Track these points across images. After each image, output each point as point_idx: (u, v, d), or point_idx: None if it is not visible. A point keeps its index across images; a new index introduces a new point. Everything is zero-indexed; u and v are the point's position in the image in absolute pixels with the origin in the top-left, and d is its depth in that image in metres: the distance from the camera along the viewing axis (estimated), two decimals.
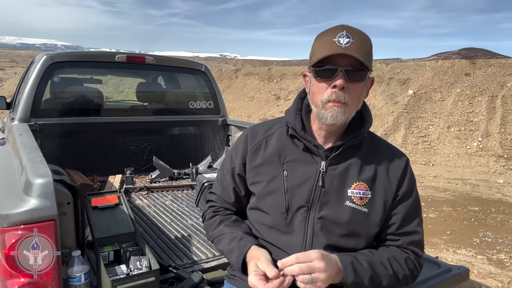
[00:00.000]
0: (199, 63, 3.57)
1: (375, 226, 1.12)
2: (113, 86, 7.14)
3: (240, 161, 1.24)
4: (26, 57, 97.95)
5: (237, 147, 1.28)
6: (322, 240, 1.10)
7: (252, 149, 1.22)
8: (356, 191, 1.11)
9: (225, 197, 1.28)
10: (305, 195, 1.12)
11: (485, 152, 8.52)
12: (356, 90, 1.08)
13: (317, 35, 1.12)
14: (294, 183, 1.14)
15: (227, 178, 1.27)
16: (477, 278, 3.34)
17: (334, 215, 1.10)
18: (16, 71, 52.64)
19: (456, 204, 5.49)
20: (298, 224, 1.12)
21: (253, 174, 1.20)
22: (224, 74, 20.24)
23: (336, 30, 1.06)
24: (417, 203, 1.17)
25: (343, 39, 1.03)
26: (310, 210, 1.12)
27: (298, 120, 1.18)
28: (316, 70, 1.08)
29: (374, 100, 12.13)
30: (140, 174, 3.28)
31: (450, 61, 12.65)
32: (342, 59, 1.03)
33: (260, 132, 1.25)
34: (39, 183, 1.21)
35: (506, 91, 10.34)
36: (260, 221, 1.20)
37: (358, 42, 1.04)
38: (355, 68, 1.05)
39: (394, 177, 1.14)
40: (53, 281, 1.21)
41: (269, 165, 1.18)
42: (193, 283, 1.55)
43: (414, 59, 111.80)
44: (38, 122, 2.71)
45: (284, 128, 1.23)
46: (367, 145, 1.18)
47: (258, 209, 1.20)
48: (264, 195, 1.17)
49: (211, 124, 3.54)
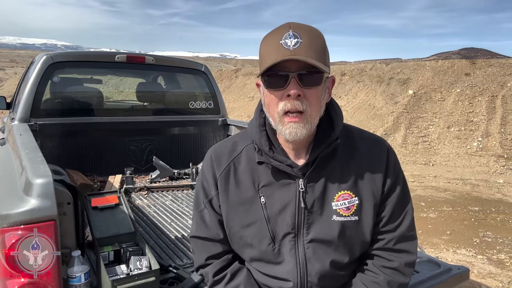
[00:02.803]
0: (199, 63, 3.57)
1: (368, 231, 1.07)
2: (113, 86, 7.14)
3: (215, 191, 1.12)
4: (26, 57, 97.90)
5: (205, 176, 1.14)
6: (316, 266, 1.05)
7: (221, 175, 1.10)
8: (340, 202, 1.04)
9: (214, 237, 1.14)
10: (288, 220, 1.04)
11: (485, 152, 8.52)
12: (314, 95, 0.97)
13: (263, 36, 1.01)
14: (274, 210, 1.05)
15: (207, 214, 1.14)
16: (477, 278, 3.34)
17: (323, 234, 1.04)
18: (16, 71, 52.64)
19: (456, 204, 5.49)
20: (288, 253, 1.05)
21: (227, 206, 1.09)
22: (224, 74, 20.24)
23: (281, 31, 0.95)
24: (404, 192, 1.11)
25: (290, 40, 0.92)
26: (298, 236, 1.04)
27: (264, 138, 1.06)
28: (266, 80, 0.97)
29: (374, 100, 12.13)
30: (140, 174, 3.28)
31: (450, 61, 12.65)
32: (293, 63, 0.93)
33: (225, 155, 1.13)
34: (39, 183, 1.21)
35: (506, 91, 10.33)
36: (247, 255, 1.12)
37: (307, 42, 0.93)
38: (309, 71, 0.94)
39: (378, 174, 1.07)
40: (53, 281, 1.21)
41: (243, 193, 1.08)
42: (193, 283, 1.55)
43: (414, 59, 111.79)
44: (38, 122, 2.71)
45: (250, 147, 1.11)
46: (342, 149, 1.08)
47: (240, 242, 1.10)
48: (244, 227, 1.07)
49: (211, 124, 3.54)
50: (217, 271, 1.13)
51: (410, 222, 1.10)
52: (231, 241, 1.13)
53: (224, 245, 1.15)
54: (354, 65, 16.44)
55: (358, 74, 13.85)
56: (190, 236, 1.21)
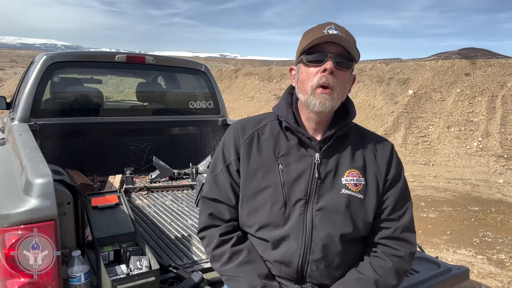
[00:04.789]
0: (199, 63, 3.57)
1: (371, 212, 1.15)
2: (113, 86, 7.14)
3: (234, 156, 1.20)
4: (26, 57, 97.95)
5: (226, 143, 1.23)
6: (321, 233, 1.11)
7: (245, 142, 1.20)
8: (349, 178, 1.15)
9: (224, 199, 1.20)
10: (302, 188, 1.13)
11: (485, 152, 8.52)
12: (343, 77, 1.13)
13: (304, 32, 1.19)
14: (290, 177, 1.14)
15: (222, 177, 1.20)
16: (477, 278, 3.34)
17: (332, 204, 1.12)
18: (16, 71, 52.66)
19: (456, 204, 5.49)
20: (296, 218, 1.12)
21: (247, 169, 1.17)
22: (224, 74, 20.24)
23: (324, 24, 1.12)
24: (406, 187, 1.21)
25: (331, 31, 1.09)
26: (308, 203, 1.13)
27: (290, 113, 1.20)
28: (306, 56, 1.13)
29: (374, 100, 12.13)
30: (140, 174, 3.28)
31: (450, 61, 12.65)
32: (331, 48, 1.10)
33: (251, 125, 1.24)
34: (39, 183, 1.21)
35: (506, 91, 10.33)
36: (256, 220, 1.16)
37: (345, 35, 1.10)
38: (343, 56, 1.11)
39: (382, 163, 1.19)
40: (53, 281, 1.21)
41: (264, 159, 1.17)
42: (193, 283, 1.55)
43: (414, 59, 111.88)
44: (38, 122, 2.70)
45: (275, 122, 1.23)
46: (354, 135, 1.22)
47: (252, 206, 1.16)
48: (260, 190, 1.15)
49: (211, 124, 3.54)
50: (225, 232, 1.19)
51: (411, 216, 1.20)
52: (242, 207, 1.18)
53: (232, 211, 1.20)
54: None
55: (358, 74, 13.84)
56: (201, 196, 1.27)
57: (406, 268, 1.17)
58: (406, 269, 1.17)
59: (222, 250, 1.17)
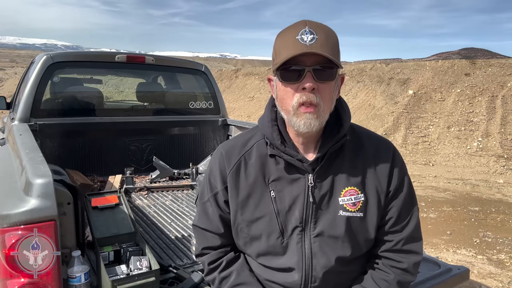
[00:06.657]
0: (199, 63, 3.57)
1: (372, 229, 1.08)
2: (113, 86, 7.13)
3: (221, 186, 1.13)
4: (26, 57, 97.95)
5: (213, 171, 1.17)
6: (322, 260, 1.06)
7: (231, 171, 1.12)
8: (347, 197, 1.06)
9: (214, 229, 1.16)
10: (297, 215, 1.06)
11: (485, 152, 8.52)
12: (327, 90, 1.00)
13: (278, 33, 1.04)
14: (284, 205, 1.07)
15: (210, 207, 1.16)
16: (477, 278, 3.34)
17: (330, 229, 1.06)
18: (16, 71, 52.66)
19: (456, 204, 5.49)
20: (294, 247, 1.07)
21: (237, 201, 1.11)
22: (224, 74, 20.24)
23: (298, 27, 0.98)
24: (410, 193, 1.13)
25: (306, 36, 0.95)
26: (305, 230, 1.07)
27: (276, 132, 1.09)
28: (282, 73, 1.00)
29: (374, 100, 12.13)
30: (140, 174, 3.28)
31: (450, 61, 12.65)
32: (309, 58, 0.96)
33: (236, 150, 1.15)
34: (39, 183, 1.21)
35: (506, 91, 10.33)
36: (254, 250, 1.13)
37: (322, 38, 0.96)
38: (323, 66, 0.97)
39: (383, 175, 1.09)
40: (53, 281, 1.21)
41: (253, 186, 1.10)
42: (193, 283, 1.55)
43: (414, 59, 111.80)
44: (38, 122, 2.70)
45: (261, 142, 1.13)
46: (349, 146, 1.10)
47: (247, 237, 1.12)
48: (253, 221, 1.09)
49: (211, 124, 3.54)
50: (213, 260, 1.17)
51: (417, 223, 1.13)
52: (237, 237, 1.15)
53: (222, 239, 1.17)
54: (354, 65, 16.45)
55: (358, 74, 13.85)
56: (192, 225, 1.25)
57: (409, 279, 1.12)
58: (409, 280, 1.12)
59: (212, 277, 1.18)
